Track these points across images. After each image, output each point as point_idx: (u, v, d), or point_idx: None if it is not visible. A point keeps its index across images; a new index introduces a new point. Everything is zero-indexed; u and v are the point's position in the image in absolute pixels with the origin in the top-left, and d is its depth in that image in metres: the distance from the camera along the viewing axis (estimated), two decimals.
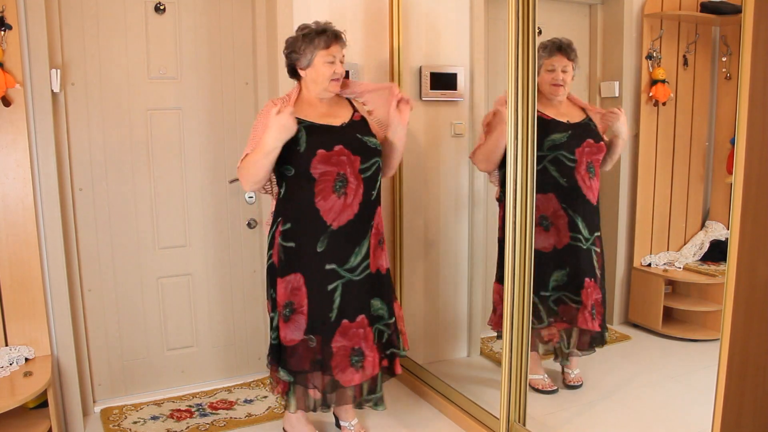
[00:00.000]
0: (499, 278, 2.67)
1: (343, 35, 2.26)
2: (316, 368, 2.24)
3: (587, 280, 2.62)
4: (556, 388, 2.74)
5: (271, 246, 2.30)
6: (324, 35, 2.20)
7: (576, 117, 2.65)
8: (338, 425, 2.56)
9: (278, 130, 2.06)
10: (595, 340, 2.71)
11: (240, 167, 2.22)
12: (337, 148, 2.16)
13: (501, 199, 2.72)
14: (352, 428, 2.51)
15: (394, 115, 2.29)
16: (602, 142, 2.63)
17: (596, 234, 2.68)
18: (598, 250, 2.68)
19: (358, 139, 2.22)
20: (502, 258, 2.54)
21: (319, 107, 2.28)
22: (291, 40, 2.26)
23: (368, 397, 2.32)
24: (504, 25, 2.18)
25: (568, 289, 2.62)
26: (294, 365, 2.24)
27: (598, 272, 2.67)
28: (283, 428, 2.56)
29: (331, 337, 2.22)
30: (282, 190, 2.27)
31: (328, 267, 2.21)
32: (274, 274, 2.28)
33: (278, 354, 2.27)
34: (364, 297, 2.27)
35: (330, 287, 2.22)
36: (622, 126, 2.62)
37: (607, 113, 2.63)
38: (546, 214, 2.61)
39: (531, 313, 2.28)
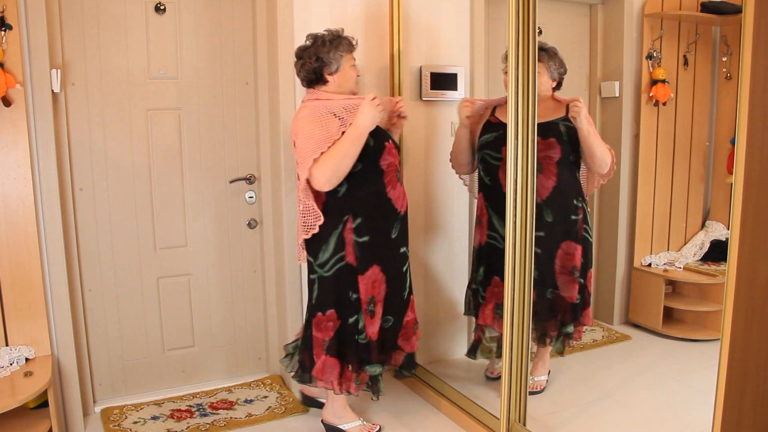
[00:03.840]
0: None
1: None
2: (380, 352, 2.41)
3: (496, 279, 2.67)
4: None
5: (341, 247, 2.29)
6: (347, 40, 2.35)
7: (553, 117, 2.55)
8: (311, 403, 2.69)
9: (374, 118, 2.20)
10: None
11: (319, 167, 2.17)
12: (387, 143, 2.35)
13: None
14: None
15: (390, 125, 2.50)
16: (551, 138, 2.51)
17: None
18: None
19: (389, 135, 2.42)
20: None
21: None
22: (314, 48, 2.31)
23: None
24: (504, 25, 2.18)
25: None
26: (374, 359, 2.36)
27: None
28: (323, 419, 2.56)
29: (404, 314, 2.43)
30: (344, 189, 2.28)
31: (401, 250, 2.40)
32: (354, 273, 2.30)
33: (366, 353, 2.34)
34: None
35: (404, 269, 2.42)
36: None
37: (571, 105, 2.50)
38: None
39: (531, 313, 2.28)
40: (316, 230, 2.27)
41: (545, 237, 2.50)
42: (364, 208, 2.28)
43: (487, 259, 2.70)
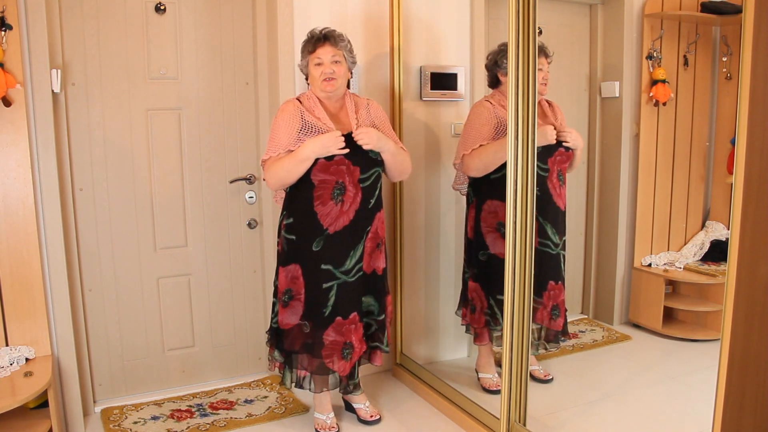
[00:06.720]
0: (474, 277, 2.75)
1: (334, 36, 2.33)
2: (304, 350, 2.41)
3: (551, 283, 2.63)
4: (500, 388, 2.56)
5: (278, 234, 2.48)
6: (311, 40, 2.33)
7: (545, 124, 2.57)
8: (348, 408, 2.71)
9: (322, 149, 2.22)
10: (557, 338, 2.72)
11: (268, 169, 2.33)
12: (337, 158, 2.27)
13: (469, 201, 2.77)
14: (367, 409, 2.66)
15: None
16: (570, 150, 2.60)
17: (564, 238, 2.68)
18: (565, 253, 2.70)
19: (360, 150, 2.31)
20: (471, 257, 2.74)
21: (331, 111, 2.39)
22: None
23: (349, 383, 2.49)
24: (504, 25, 2.18)
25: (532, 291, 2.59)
26: (287, 346, 2.44)
27: (564, 274, 2.70)
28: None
29: (323, 330, 2.38)
30: (289, 189, 2.41)
31: (324, 267, 2.35)
32: (278, 261, 2.48)
33: (276, 337, 2.49)
34: (357, 295, 2.43)
35: (325, 285, 2.36)
36: (578, 141, 2.61)
37: (561, 134, 2.56)
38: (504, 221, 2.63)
39: (531, 313, 2.28)
40: (279, 203, 2.53)
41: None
42: (295, 212, 2.37)
43: (538, 265, 2.54)
